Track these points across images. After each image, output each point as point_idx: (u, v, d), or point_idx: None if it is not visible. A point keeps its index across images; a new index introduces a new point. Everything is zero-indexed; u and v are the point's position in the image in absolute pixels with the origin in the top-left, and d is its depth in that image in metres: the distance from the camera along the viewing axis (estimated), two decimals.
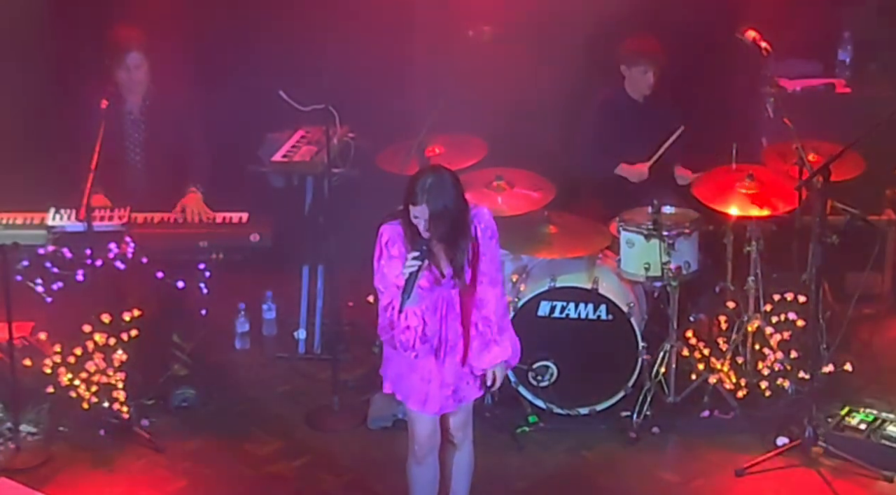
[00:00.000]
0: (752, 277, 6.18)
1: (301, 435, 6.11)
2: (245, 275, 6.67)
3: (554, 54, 7.03)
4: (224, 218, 6.25)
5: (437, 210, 4.70)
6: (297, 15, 7.08)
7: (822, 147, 6.20)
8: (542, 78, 7.03)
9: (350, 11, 7.01)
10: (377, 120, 6.90)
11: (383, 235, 4.84)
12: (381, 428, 6.13)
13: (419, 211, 4.72)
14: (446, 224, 4.73)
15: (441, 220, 4.72)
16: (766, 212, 6.06)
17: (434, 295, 4.85)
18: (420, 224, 4.74)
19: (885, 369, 6.45)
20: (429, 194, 4.69)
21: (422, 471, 5.13)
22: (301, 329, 6.77)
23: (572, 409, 6.11)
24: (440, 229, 4.74)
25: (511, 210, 6.23)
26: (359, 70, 6.86)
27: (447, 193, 4.72)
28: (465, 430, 5.12)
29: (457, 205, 4.75)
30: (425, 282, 4.80)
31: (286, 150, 6.61)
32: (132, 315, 5.98)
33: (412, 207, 4.73)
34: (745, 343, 6.17)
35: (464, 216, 4.79)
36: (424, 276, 4.79)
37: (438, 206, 4.70)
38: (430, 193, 4.69)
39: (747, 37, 6.09)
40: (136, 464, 5.87)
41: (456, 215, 4.75)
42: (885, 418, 5.83)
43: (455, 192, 4.75)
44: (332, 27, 7.02)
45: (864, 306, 6.66)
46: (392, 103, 7.17)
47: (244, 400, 6.40)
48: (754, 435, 5.94)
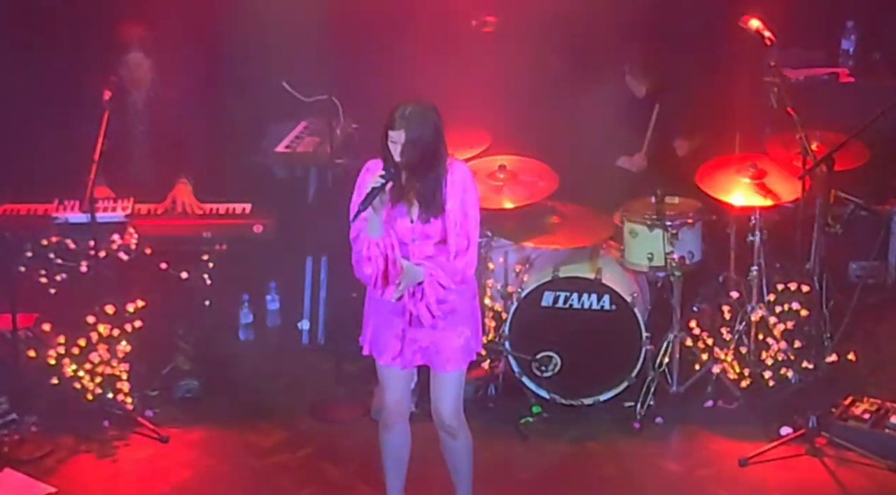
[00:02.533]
0: (756, 267, 6.17)
1: (305, 426, 6.12)
2: (248, 266, 6.67)
3: (557, 45, 7.02)
4: (227, 208, 6.25)
5: (412, 138, 4.76)
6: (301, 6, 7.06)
7: (825, 136, 6.19)
8: (545, 68, 7.02)
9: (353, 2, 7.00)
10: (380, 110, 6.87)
11: (366, 167, 4.91)
12: None
13: (396, 136, 4.78)
14: (419, 154, 4.78)
15: (415, 149, 4.77)
16: (770, 201, 6.05)
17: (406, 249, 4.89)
18: (395, 149, 4.79)
19: (889, 359, 6.45)
20: (408, 121, 4.76)
21: (391, 438, 5.18)
22: (305, 320, 6.78)
23: (576, 400, 6.12)
24: (413, 158, 4.78)
25: (515, 200, 6.23)
26: (362, 61, 6.85)
27: (426, 124, 4.79)
28: (459, 418, 5.12)
29: (433, 140, 4.81)
30: (385, 216, 4.84)
31: (289, 141, 6.62)
32: (136, 306, 5.98)
33: (390, 132, 4.79)
34: (748, 333, 6.17)
35: (438, 153, 4.84)
36: (386, 209, 4.82)
37: (414, 135, 4.76)
38: (409, 121, 4.76)
39: (751, 26, 6.08)
40: (141, 455, 5.88)
41: (430, 149, 4.80)
42: (888, 408, 5.83)
43: (434, 127, 4.81)
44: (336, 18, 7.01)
45: (867, 295, 6.66)
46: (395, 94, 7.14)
47: (248, 391, 6.41)
48: (758, 425, 5.94)
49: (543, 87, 7.08)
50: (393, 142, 4.78)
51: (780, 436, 5.81)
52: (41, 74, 6.98)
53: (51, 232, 5.96)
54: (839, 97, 6.97)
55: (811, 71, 7.14)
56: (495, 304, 6.32)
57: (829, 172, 5.61)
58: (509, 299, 6.20)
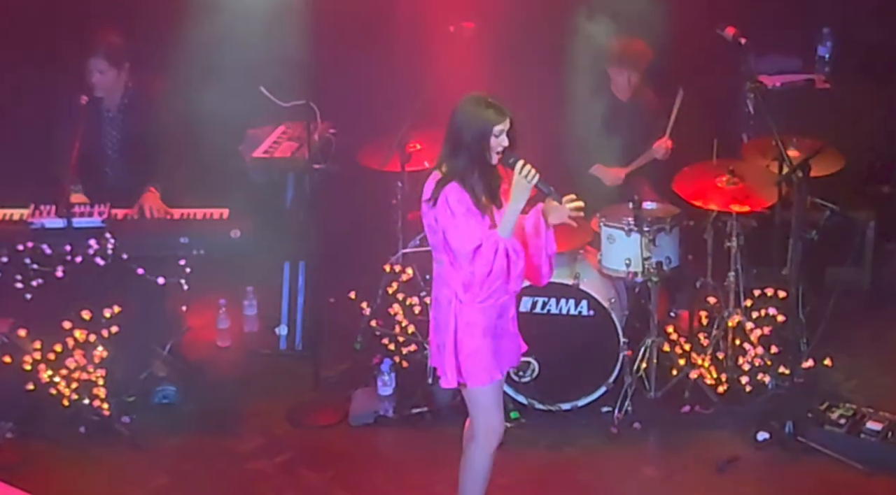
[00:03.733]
0: (733, 272, 6.19)
1: (282, 432, 6.11)
2: (226, 272, 6.66)
3: (537, 51, 7.03)
4: (205, 214, 6.23)
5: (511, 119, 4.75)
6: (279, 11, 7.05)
7: (802, 142, 6.22)
8: (523, 74, 7.03)
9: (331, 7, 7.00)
10: (358, 116, 6.89)
11: (450, 195, 4.71)
12: (363, 424, 6.12)
13: (504, 125, 4.72)
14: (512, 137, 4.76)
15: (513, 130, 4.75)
16: (747, 207, 6.08)
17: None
18: (503, 141, 4.72)
19: (865, 364, 6.48)
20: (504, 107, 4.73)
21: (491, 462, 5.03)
22: (282, 325, 6.76)
23: (554, 405, 6.12)
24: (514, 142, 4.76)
25: None
26: (339, 65, 6.84)
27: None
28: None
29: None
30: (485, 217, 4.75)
31: (267, 146, 6.60)
32: (112, 311, 5.96)
33: (497, 127, 4.69)
34: (725, 338, 6.19)
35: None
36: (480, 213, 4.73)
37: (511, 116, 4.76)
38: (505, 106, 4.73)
39: (728, 33, 6.10)
40: (117, 461, 5.85)
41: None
42: (864, 413, 5.86)
43: None
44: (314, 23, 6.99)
45: (843, 301, 6.70)
46: (373, 99, 7.16)
47: (225, 397, 6.38)
48: (735, 431, 5.96)
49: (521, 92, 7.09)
50: (496, 136, 4.71)
51: (757, 442, 5.83)
52: (17, 79, 6.96)
53: (27, 237, 5.93)
54: (815, 103, 7.01)
55: (788, 77, 7.17)
56: None
57: (806, 178, 5.63)
58: None
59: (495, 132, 4.72)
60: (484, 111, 4.72)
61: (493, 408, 4.93)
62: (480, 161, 4.74)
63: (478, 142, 4.71)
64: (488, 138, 4.71)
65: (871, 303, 7.00)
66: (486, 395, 4.90)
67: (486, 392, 4.89)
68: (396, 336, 6.40)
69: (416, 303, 6.40)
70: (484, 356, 4.83)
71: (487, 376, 4.86)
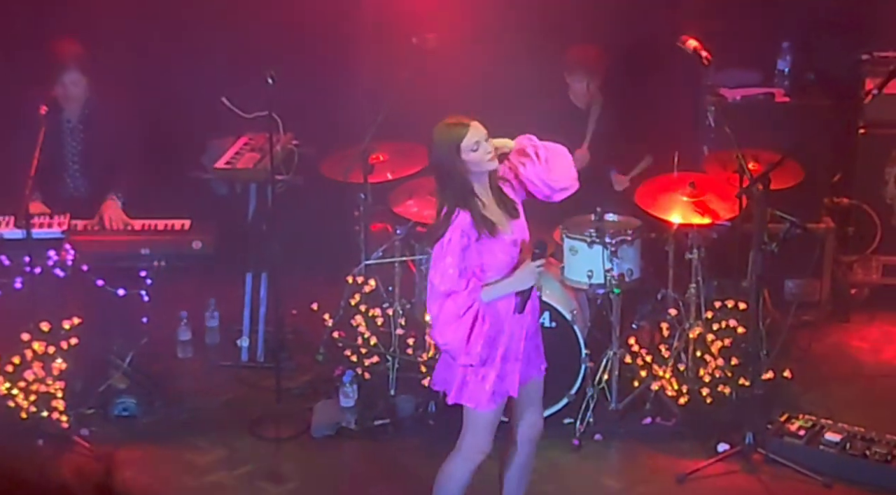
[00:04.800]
0: (694, 284, 6.23)
1: (243, 444, 6.08)
2: (187, 283, 6.62)
3: (498, 62, 7.05)
4: (166, 225, 6.20)
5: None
6: (241, 22, 7.04)
7: (761, 155, 6.27)
8: (486, 85, 7.04)
9: (294, 18, 6.99)
10: (321, 127, 6.88)
11: (454, 234, 4.64)
12: (325, 436, 6.10)
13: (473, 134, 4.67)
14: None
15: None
16: (708, 219, 6.11)
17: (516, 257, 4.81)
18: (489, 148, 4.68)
19: (824, 375, 6.53)
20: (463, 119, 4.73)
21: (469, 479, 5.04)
22: (244, 337, 6.73)
23: None
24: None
25: None
26: (303, 77, 6.83)
27: None
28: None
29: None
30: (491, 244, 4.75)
31: (229, 157, 6.58)
32: (72, 323, 5.91)
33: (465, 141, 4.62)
34: (686, 350, 6.22)
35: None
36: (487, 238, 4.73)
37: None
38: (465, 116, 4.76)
39: (688, 46, 6.14)
40: None
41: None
42: (823, 424, 5.89)
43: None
44: (276, 34, 6.99)
45: (802, 313, 6.75)
46: (336, 110, 7.15)
47: (186, 409, 6.35)
48: (696, 442, 5.98)
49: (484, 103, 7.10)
50: (474, 149, 4.66)
51: (718, 453, 5.86)
52: None
53: None
54: (775, 117, 7.06)
55: (748, 91, 7.22)
56: None
57: (766, 191, 5.68)
58: None
59: (470, 147, 4.65)
60: (445, 134, 4.69)
61: (487, 430, 4.92)
62: (467, 180, 4.68)
63: (453, 163, 4.65)
64: (459, 155, 4.64)
65: (830, 315, 7.05)
66: (485, 418, 4.88)
67: (485, 415, 4.87)
68: (359, 348, 6.39)
69: (378, 315, 6.39)
70: (489, 382, 4.80)
71: (489, 400, 4.83)
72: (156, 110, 6.73)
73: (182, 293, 6.76)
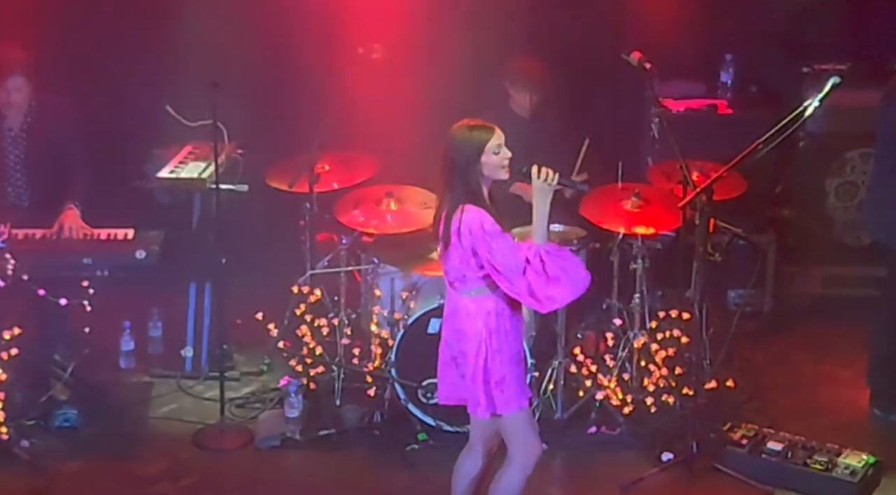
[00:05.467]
0: (638, 294, 6.27)
1: (187, 455, 6.02)
2: (130, 293, 6.56)
3: (443, 72, 7.07)
4: (109, 234, 6.14)
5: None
6: (186, 29, 7.00)
7: (705, 166, 6.33)
8: (432, 95, 7.06)
9: (239, 26, 6.97)
10: (266, 136, 6.86)
11: (484, 220, 4.73)
12: (269, 447, 6.07)
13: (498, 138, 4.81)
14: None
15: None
16: (652, 230, 6.16)
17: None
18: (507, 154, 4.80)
19: (766, 385, 6.59)
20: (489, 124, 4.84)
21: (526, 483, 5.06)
22: (188, 347, 6.68)
23: (462, 427, 6.10)
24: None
25: (401, 227, 6.24)
26: (248, 85, 6.81)
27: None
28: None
29: None
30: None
31: (173, 166, 6.53)
32: (12, 333, 5.84)
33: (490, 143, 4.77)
34: (631, 359, 6.26)
35: None
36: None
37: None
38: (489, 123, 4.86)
39: (633, 57, 6.19)
40: (15, 486, 5.72)
41: None
42: (765, 433, 5.95)
43: None
44: (221, 43, 6.96)
45: (745, 323, 6.82)
46: (281, 120, 7.13)
47: (128, 420, 6.29)
48: (640, 451, 6.02)
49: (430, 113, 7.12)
50: (496, 152, 4.78)
51: (662, 462, 5.89)
52: None
53: None
54: (718, 128, 7.13)
55: (691, 102, 7.30)
56: (381, 331, 6.31)
57: (709, 202, 5.73)
58: (396, 326, 6.20)
59: (493, 149, 4.77)
60: (470, 134, 4.78)
61: (530, 431, 4.97)
62: (479, 184, 4.77)
63: (473, 164, 4.75)
64: (479, 158, 4.75)
65: (772, 325, 7.13)
66: (521, 420, 4.93)
67: (519, 417, 4.92)
68: (304, 358, 6.37)
69: (324, 325, 6.37)
70: (511, 382, 4.86)
71: (517, 403, 4.89)
72: (98, 118, 6.67)
73: (125, 303, 6.71)
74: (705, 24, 7.43)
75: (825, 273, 7.25)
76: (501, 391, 4.86)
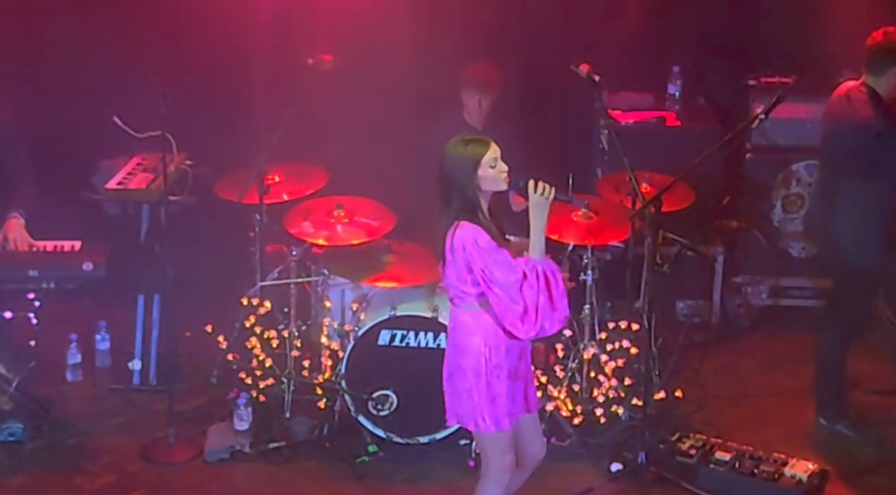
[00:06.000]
0: (588, 305, 6.29)
1: (135, 469, 5.97)
2: (77, 305, 6.51)
3: (395, 83, 7.07)
4: (56, 246, 6.08)
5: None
6: (134, 40, 6.96)
7: (654, 178, 6.38)
8: (382, 106, 7.07)
9: (188, 37, 6.94)
10: (215, 147, 6.83)
11: (479, 236, 4.73)
12: (218, 460, 6.03)
13: (495, 151, 4.80)
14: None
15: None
16: (601, 241, 6.19)
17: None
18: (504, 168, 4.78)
19: (714, 395, 6.64)
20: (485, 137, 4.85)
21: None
22: (136, 359, 6.63)
23: (412, 438, 6.12)
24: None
25: (351, 239, 6.23)
26: (197, 96, 6.77)
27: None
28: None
29: None
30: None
31: (121, 177, 6.48)
32: None
33: (486, 157, 4.75)
34: (581, 370, 6.28)
35: None
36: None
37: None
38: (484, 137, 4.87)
39: (582, 69, 6.22)
40: None
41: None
42: (713, 443, 5.99)
43: None
44: (170, 53, 6.93)
45: (693, 333, 6.87)
46: (231, 131, 7.10)
47: (75, 434, 6.22)
48: (590, 462, 6.04)
49: (382, 125, 7.12)
50: (492, 166, 4.77)
51: (611, 473, 5.92)
52: None
53: None
54: (666, 140, 7.18)
55: (640, 114, 7.35)
56: (332, 343, 6.30)
57: (658, 213, 5.77)
58: (346, 338, 6.19)
59: (489, 162, 4.77)
60: (465, 148, 4.78)
61: (509, 449, 4.98)
62: (477, 198, 4.78)
63: (470, 179, 4.75)
64: (476, 171, 4.75)
65: (720, 336, 7.19)
66: (504, 438, 4.94)
67: (503, 436, 4.93)
68: (254, 370, 6.34)
69: (274, 337, 6.34)
70: (504, 399, 4.88)
71: (506, 421, 4.91)
72: (45, 129, 6.61)
73: (72, 315, 6.65)
74: (653, 36, 7.50)
75: (772, 284, 7.32)
76: (498, 407, 4.88)
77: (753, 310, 7.34)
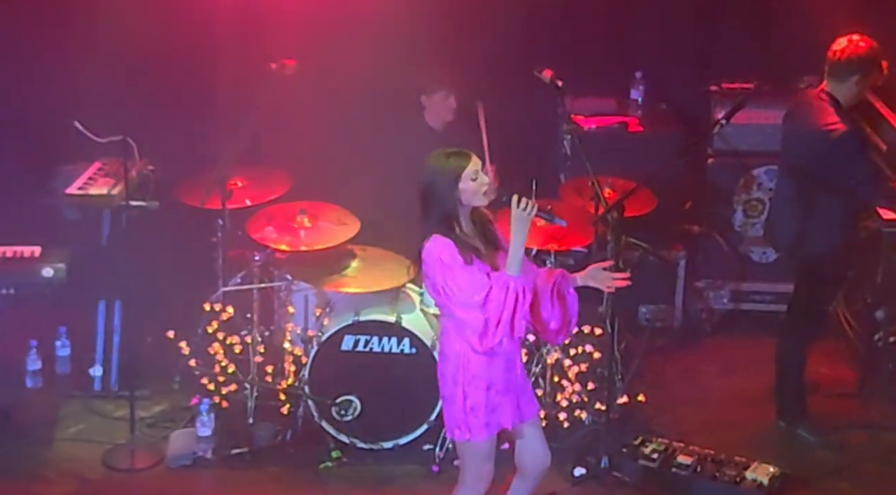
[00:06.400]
0: None
1: (96, 476, 5.93)
2: (37, 311, 6.46)
3: (357, 88, 7.07)
4: (15, 252, 6.03)
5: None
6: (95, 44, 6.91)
7: (616, 183, 6.40)
8: (345, 111, 7.06)
9: (151, 41, 6.89)
10: (177, 152, 6.79)
11: (443, 251, 4.72)
12: (181, 466, 6.00)
13: (475, 164, 4.78)
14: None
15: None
16: (565, 246, 6.21)
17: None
18: (485, 180, 4.77)
19: (676, 400, 6.67)
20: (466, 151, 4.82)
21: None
22: (97, 365, 6.58)
23: (376, 443, 6.11)
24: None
25: (314, 244, 6.22)
26: (158, 101, 6.74)
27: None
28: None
29: None
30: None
31: (82, 182, 6.44)
32: None
33: (468, 170, 4.75)
34: (544, 375, 6.29)
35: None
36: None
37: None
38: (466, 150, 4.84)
39: (545, 75, 6.24)
40: None
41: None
42: (675, 447, 6.02)
43: None
44: (132, 58, 6.88)
45: (656, 338, 6.91)
46: (193, 136, 7.07)
47: (35, 442, 6.16)
48: (553, 466, 6.00)
49: (344, 130, 7.11)
50: (473, 178, 4.76)
51: (574, 477, 5.93)
52: None
53: None
54: (629, 145, 7.21)
55: (603, 119, 7.37)
56: (295, 348, 6.28)
57: (620, 218, 5.79)
58: (309, 343, 6.17)
59: (470, 175, 4.76)
60: (447, 161, 4.77)
61: (486, 460, 4.97)
62: (456, 212, 4.78)
63: (450, 192, 4.75)
64: (457, 185, 4.74)
65: (682, 340, 7.22)
66: (481, 448, 4.93)
67: (481, 445, 4.92)
68: (216, 375, 6.31)
69: (237, 343, 6.32)
70: (483, 410, 4.86)
71: (483, 430, 4.89)
72: (3, 133, 6.55)
73: (31, 321, 6.59)
74: (616, 41, 7.53)
75: (733, 288, 7.36)
76: (475, 416, 4.87)
77: (715, 315, 7.39)
